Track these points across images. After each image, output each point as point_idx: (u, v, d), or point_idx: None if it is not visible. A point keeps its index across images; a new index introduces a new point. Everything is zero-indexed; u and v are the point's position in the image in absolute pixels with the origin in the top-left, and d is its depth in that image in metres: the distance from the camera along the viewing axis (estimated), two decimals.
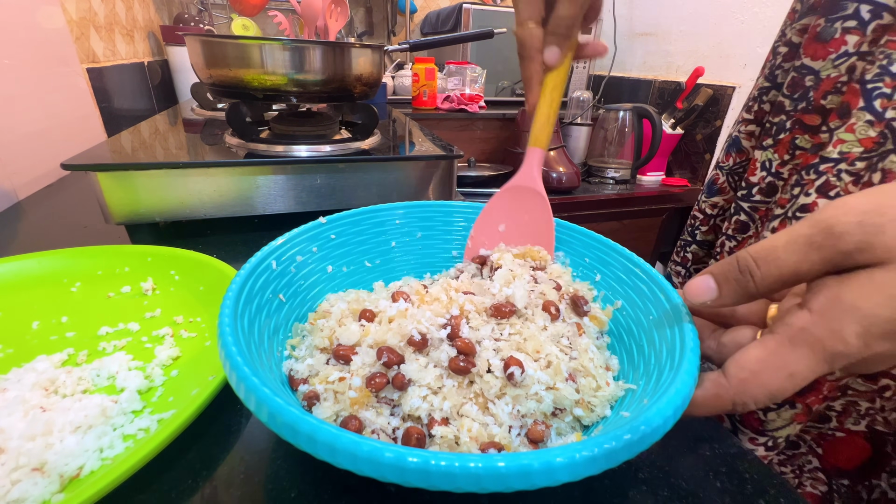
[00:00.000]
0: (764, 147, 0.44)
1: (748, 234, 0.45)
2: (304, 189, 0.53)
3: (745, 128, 0.49)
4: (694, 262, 0.56)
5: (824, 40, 0.38)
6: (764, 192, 0.44)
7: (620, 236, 0.86)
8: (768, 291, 0.19)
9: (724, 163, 0.51)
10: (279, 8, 1.43)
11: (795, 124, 0.41)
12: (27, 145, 0.64)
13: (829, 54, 0.38)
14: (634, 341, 0.28)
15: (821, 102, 0.39)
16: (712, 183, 0.53)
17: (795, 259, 0.18)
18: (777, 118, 0.42)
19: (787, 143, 0.42)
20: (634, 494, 0.23)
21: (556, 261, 0.34)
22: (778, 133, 0.42)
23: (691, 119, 1.32)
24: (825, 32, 0.38)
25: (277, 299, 0.29)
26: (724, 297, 0.21)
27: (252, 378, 0.18)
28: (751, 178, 0.45)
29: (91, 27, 0.90)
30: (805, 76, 0.40)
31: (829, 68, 0.38)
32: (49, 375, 0.28)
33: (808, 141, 0.40)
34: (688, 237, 0.56)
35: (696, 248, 0.55)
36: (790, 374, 0.18)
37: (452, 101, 1.37)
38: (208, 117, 0.78)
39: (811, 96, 0.40)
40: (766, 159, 0.44)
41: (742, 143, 0.49)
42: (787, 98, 0.42)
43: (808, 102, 0.40)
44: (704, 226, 0.54)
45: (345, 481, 0.23)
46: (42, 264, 0.39)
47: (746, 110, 0.49)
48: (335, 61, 0.54)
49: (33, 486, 0.21)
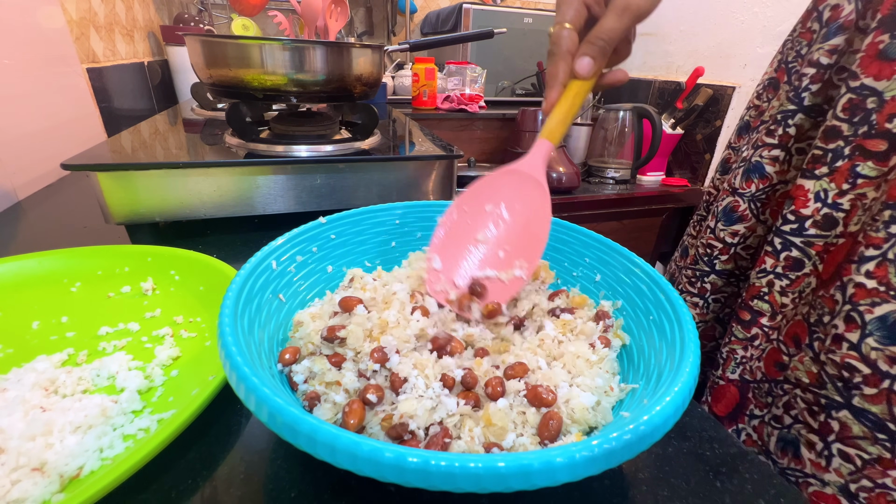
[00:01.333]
0: (817, 176, 0.40)
1: (804, 272, 0.42)
2: (304, 189, 0.53)
3: (769, 153, 0.46)
4: (713, 293, 0.53)
5: (889, 58, 0.35)
6: (820, 226, 0.40)
7: (620, 236, 0.86)
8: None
9: (744, 189, 0.48)
10: (279, 8, 1.43)
11: (856, 150, 0.38)
12: (27, 145, 0.64)
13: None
14: (634, 341, 0.28)
15: (886, 126, 0.36)
16: (731, 210, 0.49)
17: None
18: (832, 144, 0.39)
19: (847, 171, 0.38)
20: (634, 494, 0.23)
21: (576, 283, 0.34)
22: (835, 161, 0.39)
23: (691, 119, 1.32)
24: (891, 49, 0.35)
25: (277, 299, 0.29)
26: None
27: (252, 378, 0.18)
28: (802, 211, 0.41)
29: (91, 27, 0.90)
30: (866, 98, 0.37)
31: (895, 89, 0.35)
32: (49, 375, 0.28)
33: (872, 168, 0.37)
34: (705, 267, 0.53)
35: (715, 278, 0.53)
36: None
37: (452, 101, 1.37)
38: (208, 117, 0.78)
39: (874, 119, 0.37)
40: (819, 189, 0.40)
41: (766, 168, 0.46)
42: (843, 122, 0.38)
43: (870, 126, 0.37)
44: (724, 255, 0.51)
45: (345, 481, 0.23)
46: (42, 264, 0.39)
47: (767, 134, 0.46)
48: (335, 61, 0.55)
49: (33, 486, 0.21)
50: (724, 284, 0.53)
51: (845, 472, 0.36)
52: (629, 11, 0.32)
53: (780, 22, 0.42)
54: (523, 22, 1.47)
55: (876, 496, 0.35)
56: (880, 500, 0.34)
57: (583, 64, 0.33)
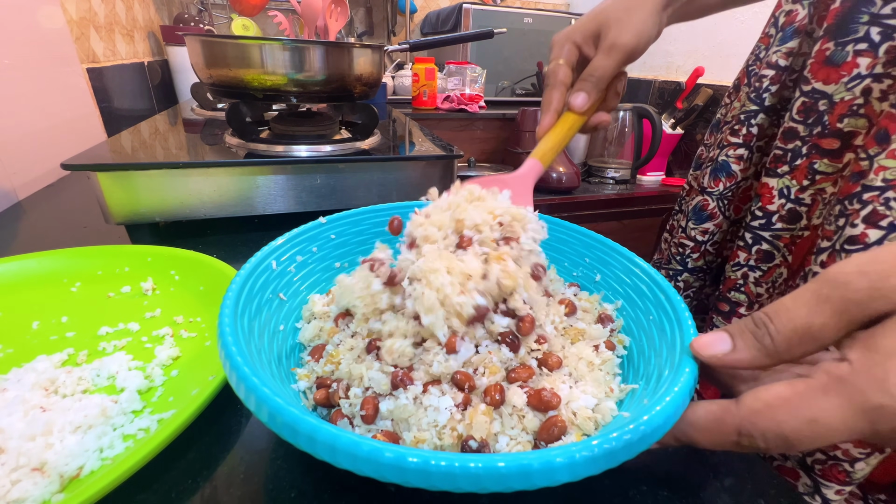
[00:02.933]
0: (779, 174, 0.43)
1: (774, 263, 0.45)
2: (304, 189, 0.53)
3: (734, 152, 0.48)
4: (685, 289, 0.55)
5: (835, 64, 0.38)
6: (786, 220, 0.43)
7: (620, 236, 0.86)
8: (786, 347, 0.18)
9: (712, 188, 0.50)
10: (279, 8, 1.43)
11: (812, 149, 0.40)
12: (27, 145, 0.64)
13: (842, 77, 0.37)
14: (634, 341, 0.28)
15: (837, 126, 0.38)
16: (701, 209, 0.51)
17: (806, 311, 0.18)
18: (791, 144, 0.42)
19: (805, 168, 0.41)
20: (634, 494, 0.23)
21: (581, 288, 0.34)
22: (794, 159, 0.42)
23: (691, 119, 1.32)
24: (836, 56, 0.38)
25: (278, 299, 0.29)
26: (740, 351, 0.19)
27: (252, 378, 0.18)
28: (768, 207, 0.44)
29: (91, 27, 0.90)
30: (818, 101, 0.39)
31: (843, 91, 0.38)
32: (49, 375, 0.28)
33: (828, 165, 0.40)
34: (677, 266, 0.55)
35: (687, 276, 0.55)
36: (812, 419, 0.16)
37: (452, 101, 1.37)
38: (208, 117, 0.78)
39: (826, 120, 0.39)
40: (783, 186, 0.43)
41: (732, 167, 0.49)
42: (799, 123, 0.41)
43: (823, 127, 0.39)
44: (696, 253, 0.53)
45: (345, 481, 0.23)
46: (42, 264, 0.39)
47: (732, 133, 0.49)
48: (335, 61, 0.54)
49: (33, 486, 0.21)
50: (693, 280, 0.55)
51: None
52: (615, 49, 0.36)
53: None
54: (523, 22, 1.47)
55: (829, 468, 0.38)
56: (833, 471, 0.38)
57: (577, 98, 0.36)
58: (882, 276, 0.17)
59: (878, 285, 0.16)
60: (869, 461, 0.37)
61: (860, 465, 0.37)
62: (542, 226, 0.29)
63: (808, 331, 0.18)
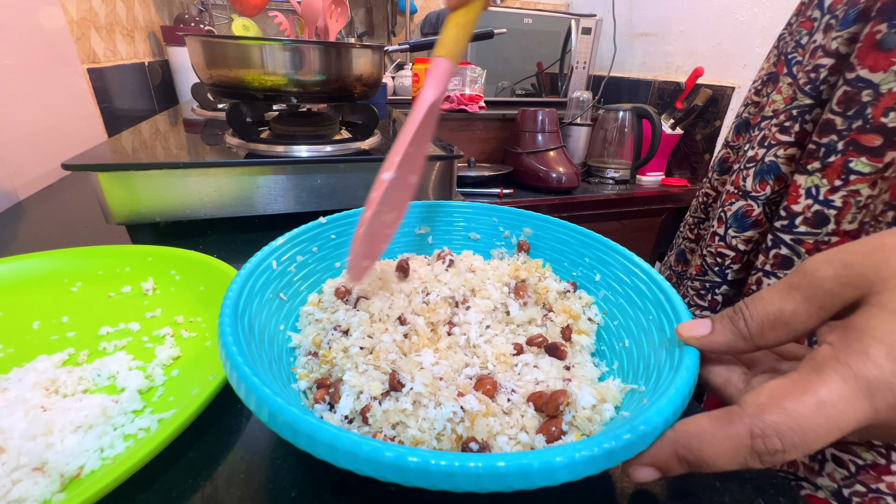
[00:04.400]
0: (809, 171, 0.38)
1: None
2: (304, 189, 0.53)
3: (785, 151, 0.42)
4: (725, 304, 0.49)
5: (887, 49, 0.33)
6: (811, 223, 0.38)
7: (620, 236, 0.86)
8: (759, 331, 0.19)
9: (758, 192, 0.44)
10: (279, 8, 1.43)
11: (849, 145, 0.36)
12: (28, 145, 0.64)
13: (893, 65, 0.33)
14: (634, 341, 0.28)
15: (881, 120, 0.34)
16: (744, 216, 0.45)
17: (778, 298, 0.19)
18: (825, 139, 0.37)
19: (840, 166, 0.36)
20: (634, 494, 0.23)
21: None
22: (827, 156, 0.37)
23: (691, 119, 1.32)
24: (888, 40, 0.33)
25: (278, 299, 0.29)
26: (717, 334, 0.21)
27: (252, 378, 0.18)
28: (793, 207, 0.39)
29: (92, 27, 0.90)
30: (861, 90, 0.35)
31: (892, 81, 0.33)
32: (50, 375, 0.28)
33: (866, 164, 0.35)
34: (715, 277, 0.48)
35: (727, 289, 0.48)
36: (819, 402, 0.16)
37: (452, 102, 1.37)
38: (209, 117, 0.78)
39: (868, 113, 0.34)
40: (811, 185, 0.38)
41: (782, 168, 0.43)
42: (837, 115, 0.36)
43: (864, 120, 0.35)
44: (737, 263, 0.47)
45: (345, 481, 0.23)
46: (43, 264, 0.39)
47: (782, 131, 0.43)
48: (335, 62, 0.55)
49: (34, 486, 0.21)
50: (735, 295, 0.48)
51: (839, 476, 0.35)
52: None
53: (779, 22, 0.42)
54: (523, 22, 1.47)
55: (869, 500, 0.34)
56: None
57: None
58: (845, 265, 0.18)
59: (842, 272, 0.17)
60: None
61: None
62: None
63: (780, 317, 0.19)
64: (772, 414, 0.16)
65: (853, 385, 0.16)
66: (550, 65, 1.58)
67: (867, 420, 0.16)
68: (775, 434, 0.16)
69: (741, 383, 0.21)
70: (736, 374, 0.22)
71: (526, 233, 0.37)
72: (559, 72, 1.58)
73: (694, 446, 0.17)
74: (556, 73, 1.59)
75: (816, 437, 0.16)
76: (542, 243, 0.37)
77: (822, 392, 0.16)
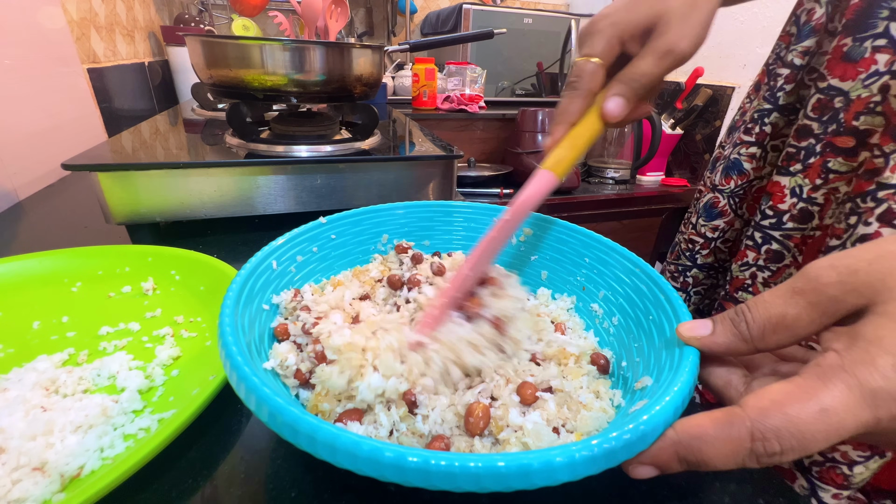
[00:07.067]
0: (792, 173, 0.42)
1: (784, 264, 0.44)
2: (304, 189, 0.53)
3: (747, 150, 0.48)
4: (694, 286, 0.55)
5: (853, 60, 0.37)
6: (797, 220, 0.42)
7: (620, 236, 0.86)
8: (760, 335, 0.19)
9: (723, 185, 0.50)
10: (279, 8, 1.43)
11: (826, 147, 0.39)
12: (28, 145, 0.64)
13: (859, 74, 0.37)
14: (634, 341, 0.28)
15: (853, 124, 0.38)
16: (711, 206, 0.52)
17: (781, 302, 0.19)
18: (804, 142, 0.41)
19: (819, 167, 0.40)
20: (634, 494, 0.23)
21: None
22: (807, 158, 0.41)
23: (691, 119, 1.32)
24: (853, 52, 0.37)
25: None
26: (718, 335, 0.21)
27: (252, 378, 0.18)
28: (779, 206, 0.43)
29: (92, 27, 0.90)
30: (833, 98, 0.39)
31: (860, 88, 0.37)
32: (50, 375, 0.28)
33: (842, 164, 0.39)
34: (687, 261, 0.55)
35: (696, 272, 0.55)
36: (822, 409, 0.16)
37: (452, 102, 1.37)
38: (209, 117, 0.78)
39: (841, 118, 0.38)
40: (795, 185, 0.42)
41: (744, 165, 0.48)
42: (813, 121, 0.40)
43: (838, 124, 0.38)
44: (705, 249, 0.53)
45: (345, 481, 0.23)
46: (43, 264, 0.39)
47: (745, 132, 0.48)
48: (335, 62, 0.55)
49: (34, 486, 0.21)
50: (704, 277, 0.55)
51: None
52: (671, 56, 0.29)
53: (779, 22, 0.43)
54: (523, 22, 1.47)
55: (826, 470, 0.37)
56: (830, 473, 0.37)
57: (613, 105, 0.29)
58: (850, 271, 0.17)
59: (847, 279, 0.17)
60: (868, 465, 0.36)
61: (859, 469, 0.36)
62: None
63: (782, 321, 0.19)
64: (773, 418, 0.16)
65: (858, 394, 0.16)
66: (550, 65, 1.58)
67: (867, 428, 0.16)
68: (775, 438, 0.16)
69: (742, 385, 0.21)
70: (736, 376, 0.22)
71: (526, 233, 0.37)
72: (559, 72, 1.58)
73: (695, 447, 0.17)
74: (556, 73, 1.59)
75: (815, 442, 0.16)
76: (542, 243, 0.37)
77: (825, 399, 0.16)
